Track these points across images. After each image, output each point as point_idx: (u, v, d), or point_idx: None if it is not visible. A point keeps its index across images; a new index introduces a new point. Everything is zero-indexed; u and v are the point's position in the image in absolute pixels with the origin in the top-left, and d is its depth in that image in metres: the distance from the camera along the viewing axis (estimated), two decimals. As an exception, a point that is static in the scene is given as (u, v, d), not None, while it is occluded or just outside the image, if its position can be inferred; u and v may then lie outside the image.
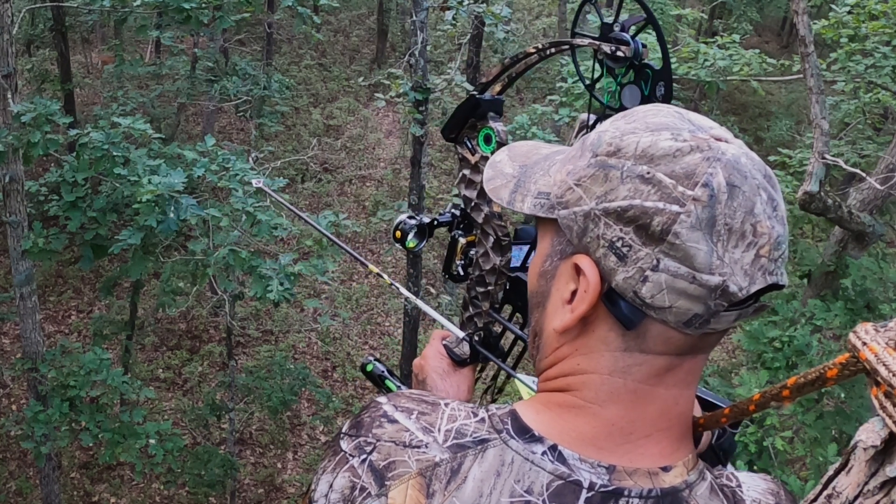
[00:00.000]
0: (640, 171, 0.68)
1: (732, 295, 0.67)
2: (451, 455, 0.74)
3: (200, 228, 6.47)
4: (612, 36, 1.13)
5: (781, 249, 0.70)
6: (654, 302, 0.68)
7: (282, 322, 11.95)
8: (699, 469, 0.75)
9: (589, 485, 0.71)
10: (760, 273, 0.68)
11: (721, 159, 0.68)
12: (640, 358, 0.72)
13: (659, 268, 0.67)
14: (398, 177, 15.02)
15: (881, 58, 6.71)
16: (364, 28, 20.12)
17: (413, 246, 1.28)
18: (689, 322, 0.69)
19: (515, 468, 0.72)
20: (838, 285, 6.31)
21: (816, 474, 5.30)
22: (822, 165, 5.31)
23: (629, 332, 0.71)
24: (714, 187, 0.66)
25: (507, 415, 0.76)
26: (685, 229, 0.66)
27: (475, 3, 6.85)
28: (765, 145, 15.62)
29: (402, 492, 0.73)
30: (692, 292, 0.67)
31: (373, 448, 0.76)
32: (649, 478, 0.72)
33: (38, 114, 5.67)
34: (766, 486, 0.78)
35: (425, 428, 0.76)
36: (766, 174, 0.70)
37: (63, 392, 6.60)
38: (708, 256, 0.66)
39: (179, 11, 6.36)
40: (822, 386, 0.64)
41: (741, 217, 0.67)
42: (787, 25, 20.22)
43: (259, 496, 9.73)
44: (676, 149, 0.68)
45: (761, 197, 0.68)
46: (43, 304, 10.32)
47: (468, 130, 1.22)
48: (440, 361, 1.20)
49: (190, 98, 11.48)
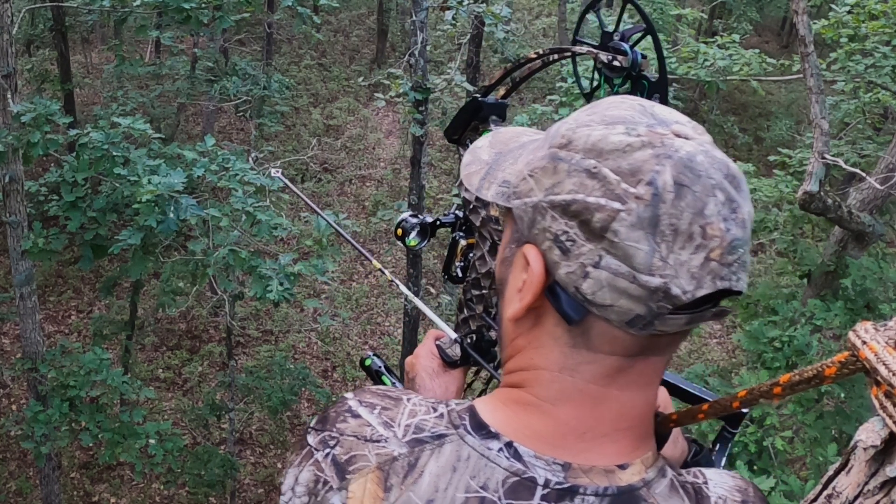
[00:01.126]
0: (588, 165, 0.67)
1: (676, 298, 0.65)
2: (409, 450, 0.74)
3: (200, 228, 6.46)
4: (612, 45, 1.13)
5: (737, 254, 0.66)
6: (596, 299, 0.67)
7: (282, 322, 11.95)
8: (658, 467, 0.74)
9: (544, 482, 0.71)
10: (710, 277, 0.65)
11: (672, 157, 0.65)
12: (588, 356, 0.71)
13: (600, 265, 0.66)
14: (398, 177, 15.02)
15: (881, 58, 6.71)
16: (364, 28, 20.11)
17: (414, 244, 1.28)
18: (631, 322, 0.67)
19: (472, 464, 0.72)
20: (838, 285, 6.31)
21: (816, 474, 5.30)
22: (822, 165, 5.31)
23: (575, 329, 0.70)
24: (659, 186, 0.64)
25: (466, 411, 0.76)
26: (624, 228, 0.64)
27: (475, 3, 6.85)
28: (765, 145, 15.62)
29: (362, 485, 0.74)
30: (633, 292, 0.65)
31: (336, 442, 0.77)
32: (605, 476, 0.72)
33: (38, 114, 5.67)
34: (733, 484, 0.77)
35: (386, 423, 0.77)
36: (729, 174, 0.67)
37: (63, 392, 6.60)
38: (648, 257, 0.64)
39: (179, 11, 6.35)
40: (820, 384, 0.63)
41: (689, 218, 0.64)
42: (787, 25, 20.21)
43: (259, 496, 9.73)
44: (627, 144, 0.66)
45: (716, 198, 0.65)
46: (43, 304, 10.32)
47: (470, 133, 1.22)
48: (431, 361, 1.21)
49: (190, 98, 11.48)
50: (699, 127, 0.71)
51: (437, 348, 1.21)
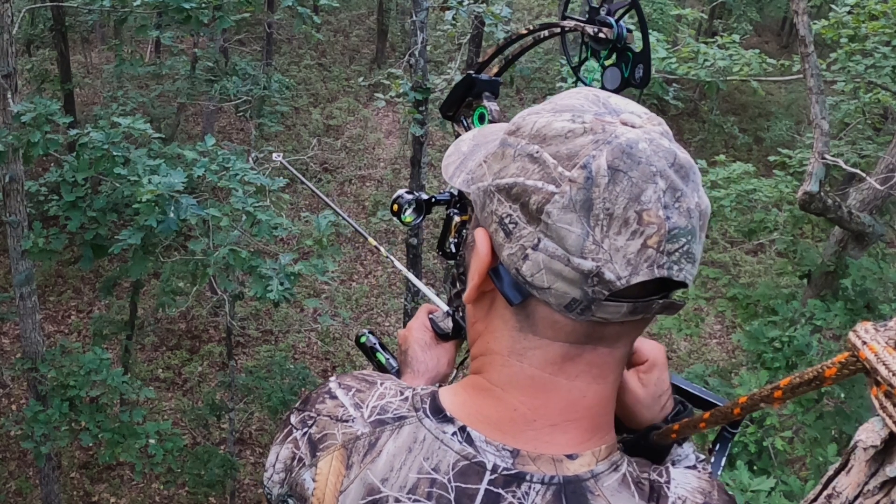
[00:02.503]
0: (531, 150, 0.69)
1: (610, 283, 0.65)
2: (371, 430, 0.77)
3: (200, 228, 6.46)
4: (598, 19, 1.17)
5: (679, 243, 0.66)
6: (534, 281, 0.68)
7: (282, 322, 11.95)
8: (612, 461, 0.74)
9: (493, 467, 0.72)
10: (647, 264, 0.65)
11: (611, 143, 0.66)
12: (535, 341, 0.72)
13: (538, 247, 0.67)
14: (398, 177, 15.02)
15: (881, 58, 6.70)
16: (364, 28, 20.12)
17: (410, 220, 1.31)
18: (568, 306, 0.68)
19: (426, 446, 0.74)
20: (838, 285, 6.31)
21: (816, 474, 5.30)
22: (822, 165, 5.31)
23: (520, 313, 0.71)
24: (592, 170, 0.65)
25: (428, 395, 0.79)
26: (557, 209, 0.65)
27: (475, 3, 6.84)
28: (765, 145, 15.61)
29: (328, 462, 0.77)
30: (567, 275, 0.66)
31: (313, 422, 0.81)
32: (553, 464, 0.72)
33: (38, 114, 5.67)
34: (697, 485, 0.75)
35: (356, 404, 0.80)
36: (677, 163, 0.67)
37: (63, 392, 6.60)
38: (580, 240, 0.65)
39: (179, 11, 6.35)
40: (821, 386, 0.63)
41: (624, 203, 0.64)
42: (787, 25, 20.21)
43: (259, 496, 9.73)
44: (569, 130, 0.67)
45: (656, 185, 0.65)
46: (43, 304, 10.32)
47: (464, 109, 1.26)
48: (423, 333, 1.22)
49: (190, 98, 11.47)
50: (656, 118, 0.71)
51: (430, 321, 1.23)
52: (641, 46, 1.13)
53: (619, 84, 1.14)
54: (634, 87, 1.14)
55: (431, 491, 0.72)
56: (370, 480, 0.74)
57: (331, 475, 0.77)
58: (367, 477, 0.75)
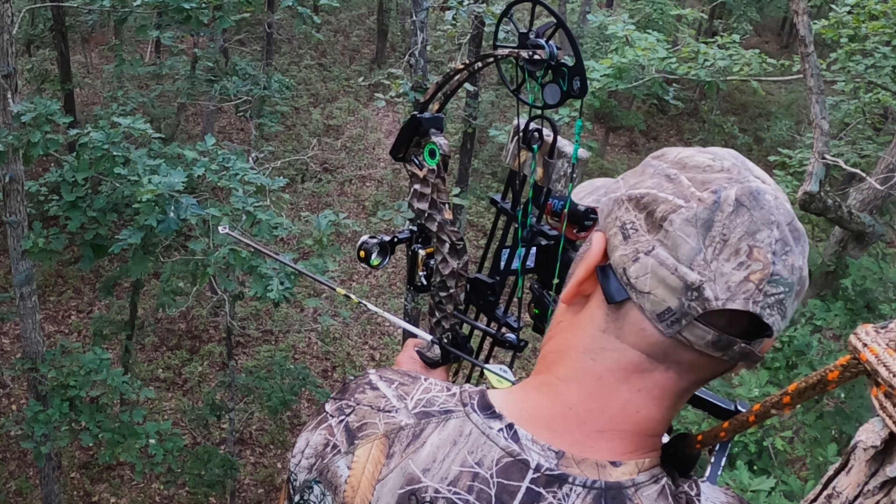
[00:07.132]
0: (670, 171, 0.74)
1: (707, 301, 0.68)
2: (416, 421, 0.79)
3: (200, 228, 6.46)
4: (529, 42, 1.23)
5: (778, 289, 0.69)
6: (637, 284, 0.71)
7: (282, 322, 11.95)
8: (653, 473, 0.75)
9: (536, 466, 0.73)
10: (744, 296, 0.68)
11: (742, 183, 0.70)
12: (615, 343, 0.74)
13: (651, 253, 0.70)
14: (398, 177, 15.03)
15: (881, 58, 6.70)
16: (364, 28, 20.12)
17: (377, 264, 1.37)
18: (661, 315, 0.70)
19: (472, 440, 0.76)
20: (838, 285, 6.30)
21: (816, 474, 5.30)
22: (822, 165, 5.31)
23: (611, 313, 0.74)
24: (721, 197, 0.69)
25: (477, 392, 0.81)
26: (680, 219, 0.69)
27: (475, 3, 6.85)
28: (765, 145, 15.62)
29: (367, 451, 0.79)
30: (670, 282, 0.69)
31: (352, 411, 0.82)
32: (596, 469, 0.73)
33: (38, 114, 5.67)
34: (725, 500, 0.78)
35: (400, 396, 0.82)
36: (793, 224, 0.71)
37: (63, 392, 6.60)
38: (693, 252, 0.68)
39: (179, 11, 6.36)
40: (824, 390, 0.64)
41: (739, 234, 0.68)
42: (787, 25, 20.22)
43: (259, 496, 9.74)
44: (708, 164, 0.73)
45: (771, 231, 0.69)
46: (43, 304, 10.32)
47: (414, 148, 1.31)
48: (412, 365, 1.26)
49: (190, 98, 11.47)
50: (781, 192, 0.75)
51: (418, 353, 1.28)
52: (574, 60, 1.18)
53: (559, 98, 1.21)
54: (574, 97, 1.20)
55: (473, 485, 0.74)
56: (411, 470, 0.76)
57: (369, 463, 0.78)
58: (407, 466, 0.76)
